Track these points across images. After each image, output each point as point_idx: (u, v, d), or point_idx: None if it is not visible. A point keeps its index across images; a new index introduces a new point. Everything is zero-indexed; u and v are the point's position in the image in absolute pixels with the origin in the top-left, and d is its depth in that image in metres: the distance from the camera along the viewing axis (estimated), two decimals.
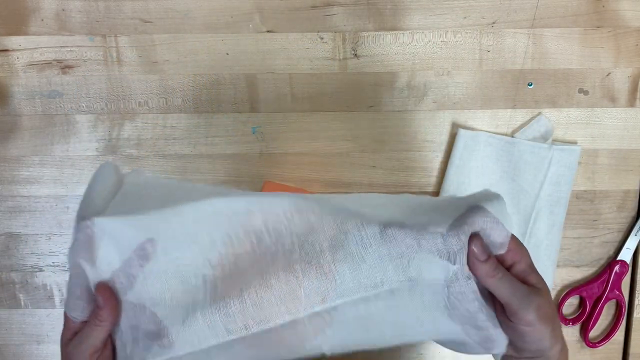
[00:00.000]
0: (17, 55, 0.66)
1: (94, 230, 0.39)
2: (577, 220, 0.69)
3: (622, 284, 0.69)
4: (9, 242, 0.69)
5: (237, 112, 0.67)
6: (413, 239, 0.40)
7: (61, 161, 0.67)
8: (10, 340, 0.71)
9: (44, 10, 0.65)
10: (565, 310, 0.71)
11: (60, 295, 0.70)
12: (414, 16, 0.65)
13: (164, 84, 0.66)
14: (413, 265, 0.41)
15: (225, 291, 0.40)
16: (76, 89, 0.66)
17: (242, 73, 0.66)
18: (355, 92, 0.66)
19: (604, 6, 0.65)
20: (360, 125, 0.67)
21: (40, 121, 0.67)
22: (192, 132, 0.67)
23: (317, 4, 0.65)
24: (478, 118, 0.67)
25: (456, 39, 0.66)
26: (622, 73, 0.66)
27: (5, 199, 0.68)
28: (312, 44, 0.65)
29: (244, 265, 0.41)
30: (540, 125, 0.67)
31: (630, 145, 0.68)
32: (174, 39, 0.65)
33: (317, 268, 0.40)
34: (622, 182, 0.68)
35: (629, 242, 0.68)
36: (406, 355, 0.72)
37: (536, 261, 0.68)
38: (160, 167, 0.67)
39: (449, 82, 0.66)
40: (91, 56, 0.66)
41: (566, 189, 0.66)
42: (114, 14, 0.65)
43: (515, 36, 0.65)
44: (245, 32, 0.65)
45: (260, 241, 0.41)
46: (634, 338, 0.71)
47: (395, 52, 0.66)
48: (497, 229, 0.41)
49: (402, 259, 0.40)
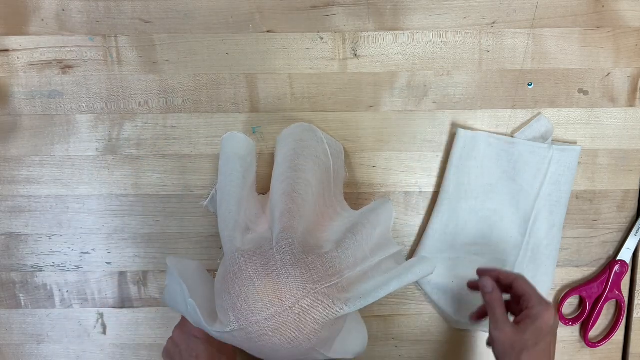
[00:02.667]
0: (17, 55, 0.66)
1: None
2: (577, 220, 0.69)
3: (622, 284, 0.69)
4: (9, 242, 0.69)
5: (237, 112, 0.67)
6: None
7: (61, 161, 0.67)
8: (10, 340, 0.71)
9: (44, 11, 0.65)
10: (565, 310, 0.71)
11: (60, 295, 0.70)
12: (414, 16, 0.65)
13: (164, 84, 0.66)
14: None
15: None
16: (76, 89, 0.66)
17: (242, 73, 0.66)
18: (355, 92, 0.66)
19: (604, 6, 0.65)
20: (360, 125, 0.67)
21: (40, 121, 0.67)
22: (192, 132, 0.67)
23: (317, 4, 0.65)
24: (478, 118, 0.67)
25: (456, 39, 0.66)
26: (622, 73, 0.66)
27: (6, 199, 0.68)
28: (312, 44, 0.65)
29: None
30: (540, 125, 0.67)
31: (630, 145, 0.68)
32: (174, 39, 0.65)
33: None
34: (622, 182, 0.68)
35: (628, 242, 0.68)
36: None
37: (536, 261, 0.69)
38: (160, 167, 0.67)
39: (449, 82, 0.66)
40: (91, 56, 0.66)
41: (566, 189, 0.66)
42: (114, 14, 0.65)
43: (515, 36, 0.66)
44: (245, 32, 0.65)
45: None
46: (634, 338, 0.71)
47: (395, 52, 0.66)
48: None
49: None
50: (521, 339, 0.56)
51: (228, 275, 0.56)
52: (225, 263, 0.57)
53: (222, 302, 0.56)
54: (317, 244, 0.57)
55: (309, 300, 0.53)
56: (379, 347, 0.71)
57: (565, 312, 0.71)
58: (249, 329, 0.53)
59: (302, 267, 0.54)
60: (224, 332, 0.55)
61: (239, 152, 0.62)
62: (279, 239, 0.55)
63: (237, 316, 0.54)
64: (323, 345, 0.56)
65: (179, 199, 0.68)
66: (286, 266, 0.54)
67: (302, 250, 0.55)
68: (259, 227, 0.60)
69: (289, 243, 0.55)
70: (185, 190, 0.68)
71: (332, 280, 0.54)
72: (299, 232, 0.56)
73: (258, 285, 0.53)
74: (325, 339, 0.56)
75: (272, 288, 0.53)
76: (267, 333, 0.53)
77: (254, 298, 0.53)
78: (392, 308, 0.71)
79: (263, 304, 0.53)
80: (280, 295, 0.53)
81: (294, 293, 0.53)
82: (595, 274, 0.70)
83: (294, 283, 0.53)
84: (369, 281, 0.57)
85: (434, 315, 0.70)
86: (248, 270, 0.54)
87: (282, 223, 0.56)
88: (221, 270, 0.59)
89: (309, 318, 0.53)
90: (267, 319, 0.53)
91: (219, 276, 0.59)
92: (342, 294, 0.55)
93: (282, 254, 0.54)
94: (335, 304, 0.54)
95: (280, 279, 0.53)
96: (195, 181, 0.68)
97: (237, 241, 0.57)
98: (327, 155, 0.64)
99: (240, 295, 0.54)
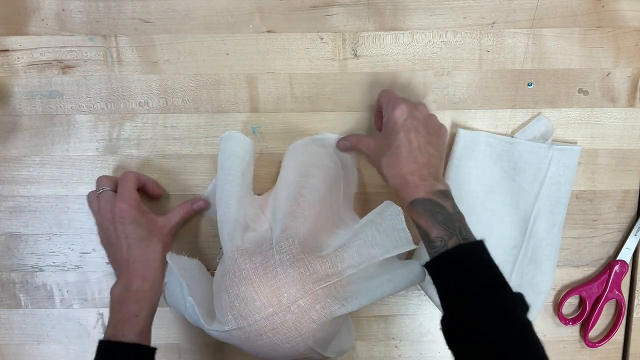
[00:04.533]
0: (17, 55, 0.66)
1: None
2: (576, 220, 0.69)
3: (622, 284, 0.69)
4: (9, 242, 0.69)
5: (237, 112, 0.67)
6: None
7: (61, 161, 0.67)
8: (10, 340, 0.71)
9: (44, 10, 0.65)
10: (565, 310, 0.71)
11: (60, 295, 0.70)
12: (414, 16, 0.65)
13: (164, 84, 0.66)
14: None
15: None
16: (76, 89, 0.66)
17: (242, 73, 0.66)
18: (355, 92, 0.66)
19: (604, 6, 0.65)
20: (360, 125, 0.67)
21: (40, 121, 0.67)
22: (192, 132, 0.67)
23: (317, 4, 0.65)
24: (478, 118, 0.67)
25: (456, 39, 0.66)
26: (621, 73, 0.66)
27: (6, 199, 0.68)
28: (312, 44, 0.65)
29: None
30: (540, 125, 0.67)
31: (629, 145, 0.68)
32: (174, 39, 0.65)
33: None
34: (622, 182, 0.68)
35: (628, 242, 0.68)
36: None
37: (536, 261, 0.69)
38: (160, 167, 0.67)
39: (449, 82, 0.66)
40: (91, 56, 0.66)
41: (566, 189, 0.66)
42: (114, 14, 0.65)
43: (515, 36, 0.66)
44: (245, 32, 0.65)
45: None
46: (634, 338, 0.71)
47: (395, 52, 0.66)
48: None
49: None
50: (377, 145, 0.58)
51: (227, 274, 0.56)
52: (225, 262, 0.57)
53: (220, 301, 0.56)
54: (317, 247, 0.57)
55: (307, 300, 0.53)
56: (379, 347, 0.71)
57: (565, 312, 0.71)
58: (247, 328, 0.53)
59: (300, 267, 0.54)
60: (222, 332, 0.55)
61: (238, 151, 0.62)
62: (279, 239, 0.55)
63: (235, 315, 0.54)
64: (320, 345, 0.56)
65: (179, 199, 0.68)
66: (285, 266, 0.54)
67: (301, 251, 0.55)
68: (259, 226, 0.60)
69: (289, 243, 0.55)
70: (185, 190, 0.68)
71: (330, 279, 0.54)
72: (300, 233, 0.56)
73: (256, 284, 0.53)
74: (323, 339, 0.56)
75: (270, 288, 0.53)
76: (265, 332, 0.53)
77: (253, 297, 0.53)
78: (392, 308, 0.71)
79: (261, 304, 0.53)
80: (278, 294, 0.53)
81: (292, 293, 0.53)
82: (595, 274, 0.70)
83: (292, 283, 0.53)
84: (368, 281, 0.57)
85: (434, 315, 0.70)
86: (247, 270, 0.54)
87: (284, 224, 0.56)
88: (220, 269, 0.59)
89: (307, 318, 0.53)
90: (265, 318, 0.53)
91: (218, 275, 0.59)
92: (340, 294, 0.55)
93: (282, 253, 0.54)
94: (333, 303, 0.54)
95: (278, 278, 0.53)
96: (195, 181, 0.68)
97: (237, 240, 0.57)
98: (338, 167, 0.64)
99: (239, 294, 0.54)
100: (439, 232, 0.51)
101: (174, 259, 0.62)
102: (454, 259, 0.50)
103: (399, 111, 0.56)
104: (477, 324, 0.47)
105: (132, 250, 0.59)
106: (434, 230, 0.51)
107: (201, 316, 0.56)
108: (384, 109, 0.59)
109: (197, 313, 0.56)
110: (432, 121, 0.58)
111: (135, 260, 0.59)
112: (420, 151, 0.55)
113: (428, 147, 0.55)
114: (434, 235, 0.51)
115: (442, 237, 0.51)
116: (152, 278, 0.59)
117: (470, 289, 0.49)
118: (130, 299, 0.58)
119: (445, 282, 0.51)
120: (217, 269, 0.60)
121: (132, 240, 0.60)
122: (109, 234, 0.61)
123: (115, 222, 0.60)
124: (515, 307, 0.48)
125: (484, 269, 0.50)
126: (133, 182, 0.62)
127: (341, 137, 0.65)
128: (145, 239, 0.60)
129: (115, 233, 0.60)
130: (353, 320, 0.70)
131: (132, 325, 0.57)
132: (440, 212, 0.52)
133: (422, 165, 0.54)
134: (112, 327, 0.57)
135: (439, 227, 0.51)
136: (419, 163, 0.54)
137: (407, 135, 0.55)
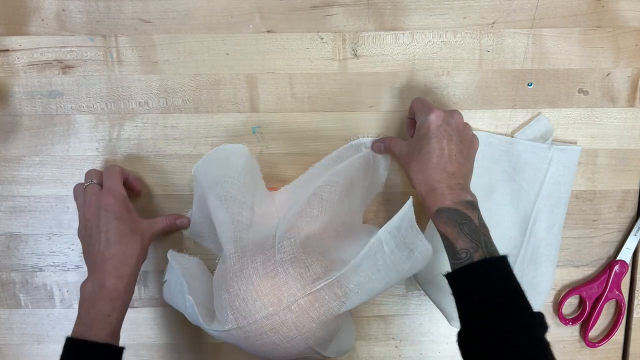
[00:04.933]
0: (17, 55, 0.66)
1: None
2: (576, 220, 0.69)
3: (622, 284, 0.69)
4: (9, 242, 0.69)
5: (237, 112, 0.67)
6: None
7: (61, 161, 0.67)
8: (10, 340, 0.71)
9: (44, 10, 0.65)
10: (565, 310, 0.71)
11: (61, 295, 0.70)
12: (414, 16, 0.65)
13: (164, 84, 0.66)
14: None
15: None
16: (76, 89, 0.66)
17: (242, 73, 0.66)
18: (355, 92, 0.66)
19: (604, 6, 0.65)
20: (360, 125, 0.67)
21: (40, 121, 0.67)
22: (192, 132, 0.67)
23: (317, 4, 0.65)
24: (478, 118, 0.67)
25: (456, 39, 0.66)
26: (621, 73, 0.66)
27: (6, 199, 0.68)
28: (312, 44, 0.65)
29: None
30: (540, 125, 0.67)
31: (629, 145, 0.68)
32: (174, 39, 0.65)
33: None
34: (622, 182, 0.68)
35: (628, 242, 0.68)
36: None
37: (536, 261, 0.69)
38: (160, 167, 0.67)
39: (449, 82, 0.66)
40: (91, 56, 0.66)
41: (566, 189, 0.66)
42: (114, 14, 0.65)
43: (515, 36, 0.66)
44: (245, 32, 0.65)
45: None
46: (634, 338, 0.71)
47: (395, 52, 0.66)
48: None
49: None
50: (409, 149, 0.57)
51: (227, 273, 0.56)
52: (225, 261, 0.57)
53: (220, 301, 0.55)
54: (321, 249, 0.57)
55: (307, 300, 0.53)
56: (379, 347, 0.71)
57: (565, 312, 0.71)
58: (247, 327, 0.53)
59: (301, 266, 0.54)
60: (222, 331, 0.55)
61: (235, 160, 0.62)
62: (282, 239, 0.55)
63: (236, 315, 0.54)
64: (320, 345, 0.56)
65: (179, 199, 0.68)
66: (285, 265, 0.54)
67: (302, 251, 0.55)
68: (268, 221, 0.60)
69: (291, 243, 0.55)
70: (185, 190, 0.68)
71: (330, 278, 0.54)
72: (302, 233, 0.56)
73: (257, 284, 0.53)
74: (323, 339, 0.56)
75: (271, 287, 0.53)
76: (265, 332, 0.53)
77: (253, 297, 0.53)
78: (392, 308, 0.71)
79: (261, 303, 0.53)
80: (279, 294, 0.53)
81: (292, 292, 0.53)
82: (595, 274, 0.70)
83: (292, 282, 0.53)
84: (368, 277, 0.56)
85: (434, 315, 0.70)
86: (247, 269, 0.54)
87: (291, 222, 0.56)
88: (220, 268, 0.59)
89: (307, 317, 0.53)
90: (266, 317, 0.53)
91: (218, 274, 0.59)
92: (340, 292, 0.55)
93: (283, 253, 0.54)
94: (333, 301, 0.54)
95: (279, 277, 0.53)
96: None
97: (237, 239, 0.57)
98: (367, 174, 0.65)
99: (239, 293, 0.54)
100: (465, 243, 0.51)
101: (175, 256, 0.62)
102: (479, 272, 0.50)
103: (434, 116, 0.55)
104: (501, 338, 0.47)
105: (111, 246, 0.58)
106: (459, 241, 0.51)
107: (200, 316, 0.56)
108: (418, 115, 0.58)
109: (196, 313, 0.56)
110: (466, 130, 0.58)
111: (112, 256, 0.58)
112: (450, 160, 0.54)
113: (459, 156, 0.55)
114: (460, 247, 0.51)
115: (467, 250, 0.51)
116: (127, 277, 0.58)
117: (495, 303, 0.48)
118: (104, 297, 0.56)
119: (468, 295, 0.51)
120: (217, 269, 0.60)
121: (112, 235, 0.58)
122: (90, 225, 0.60)
123: (99, 215, 0.59)
124: (537, 326, 0.48)
125: (509, 285, 0.50)
126: (119, 176, 0.62)
127: (375, 140, 0.65)
128: (127, 235, 0.59)
129: (97, 226, 0.59)
130: (353, 320, 0.70)
131: (104, 326, 0.55)
132: (466, 223, 0.52)
133: (451, 174, 0.54)
134: (83, 325, 0.56)
135: (465, 238, 0.51)
136: (448, 172, 0.54)
137: (440, 142, 0.55)
